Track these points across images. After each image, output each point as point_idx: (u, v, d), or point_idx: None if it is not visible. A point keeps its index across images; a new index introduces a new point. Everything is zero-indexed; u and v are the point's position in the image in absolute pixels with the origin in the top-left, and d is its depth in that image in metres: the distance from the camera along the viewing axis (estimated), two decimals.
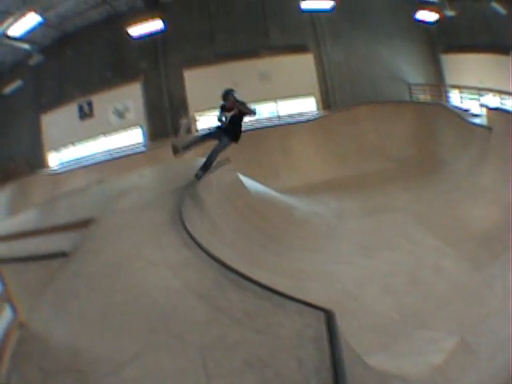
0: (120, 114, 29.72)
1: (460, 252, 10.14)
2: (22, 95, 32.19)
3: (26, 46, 27.36)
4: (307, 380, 3.87)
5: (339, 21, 27.26)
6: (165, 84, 29.87)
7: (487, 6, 23.27)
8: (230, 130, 12.30)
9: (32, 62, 29.14)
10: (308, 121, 24.21)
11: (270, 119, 26.98)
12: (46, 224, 12.19)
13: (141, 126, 29.89)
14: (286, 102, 27.89)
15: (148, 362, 4.68)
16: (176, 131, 27.76)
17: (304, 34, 27.72)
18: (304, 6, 24.98)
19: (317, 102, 27.58)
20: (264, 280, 5.96)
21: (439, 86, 27.91)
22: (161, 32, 26.60)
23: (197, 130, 27.10)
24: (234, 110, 12.60)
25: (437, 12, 26.28)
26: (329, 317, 4.42)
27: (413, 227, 12.19)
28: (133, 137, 29.75)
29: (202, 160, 14.39)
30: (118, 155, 27.06)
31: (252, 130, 23.15)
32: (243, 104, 12.38)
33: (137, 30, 25.72)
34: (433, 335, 7.08)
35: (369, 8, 27.68)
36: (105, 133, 30.14)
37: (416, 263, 9.78)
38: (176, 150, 12.65)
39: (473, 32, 25.21)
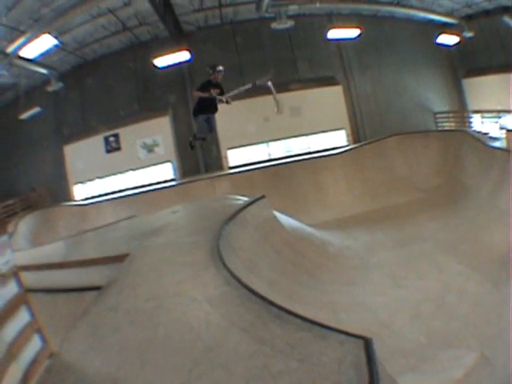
0: (149, 149, 29.83)
1: (482, 274, 10.60)
2: (42, 123, 32.37)
3: (42, 70, 27.35)
4: None
5: (365, 50, 27.51)
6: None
7: (500, 22, 23.80)
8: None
9: (51, 88, 29.02)
10: (338, 154, 24.33)
11: (300, 154, 26.99)
12: (75, 257, 12.70)
13: (171, 161, 29.84)
14: (317, 136, 27.86)
15: None
16: (207, 165, 28.28)
17: (332, 65, 27.84)
18: (330, 35, 24.92)
19: (347, 135, 27.61)
20: (301, 313, 6.03)
21: (462, 112, 28.14)
22: (187, 63, 26.39)
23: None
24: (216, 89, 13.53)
25: (457, 35, 26.53)
26: (367, 343, 4.68)
27: (440, 255, 12.54)
28: (162, 172, 29.78)
29: (236, 197, 15.34)
30: (146, 190, 27.05)
31: (284, 164, 24.06)
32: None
33: (163, 61, 25.44)
34: (455, 353, 7.47)
35: (392, 35, 27.83)
36: (133, 167, 30.20)
37: (442, 289, 10.16)
38: (192, 147, 13.29)
39: (489, 52, 25.76)
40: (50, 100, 31.39)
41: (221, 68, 14.96)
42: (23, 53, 22.01)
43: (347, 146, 27.13)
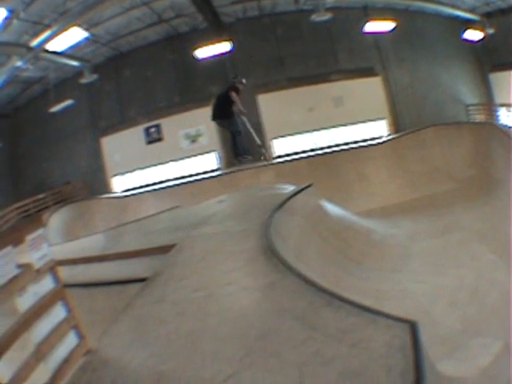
0: (192, 139, 29.93)
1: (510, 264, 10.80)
2: (75, 115, 32.79)
3: (73, 63, 27.59)
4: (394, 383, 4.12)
5: (400, 43, 27.91)
6: None
7: None
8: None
9: (84, 80, 29.25)
10: (380, 144, 24.67)
11: (344, 143, 27.38)
12: (116, 249, 12.81)
13: (215, 151, 29.94)
14: (359, 126, 28.32)
15: (244, 381, 4.69)
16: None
17: (370, 56, 28.26)
18: (367, 28, 25.45)
19: (388, 125, 28.13)
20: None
21: (490, 105, 28.65)
22: (228, 54, 26.56)
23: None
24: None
25: (481, 30, 26.98)
26: (413, 327, 4.87)
27: (475, 244, 12.79)
28: (205, 162, 29.92)
29: (282, 185, 15.54)
30: (190, 180, 27.01)
31: (328, 153, 24.53)
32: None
33: (204, 52, 25.80)
34: (484, 341, 7.68)
35: (423, 29, 28.41)
36: (175, 157, 30.33)
37: (476, 277, 10.39)
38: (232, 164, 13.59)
39: (509, 48, 26.25)
40: (83, 92, 31.95)
41: (245, 81, 15.31)
42: (51, 46, 22.36)
43: (388, 135, 27.43)
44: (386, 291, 9.65)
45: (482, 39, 28.90)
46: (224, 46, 25.91)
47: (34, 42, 21.91)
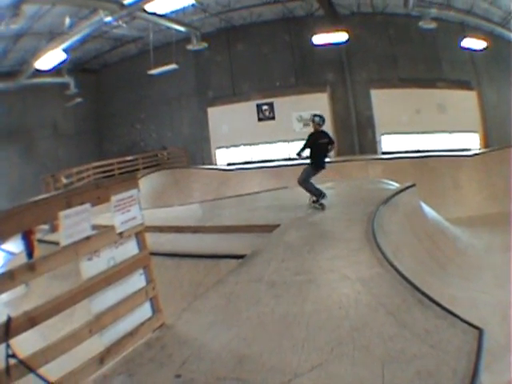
0: (305, 122, 29.48)
1: None
2: (179, 81, 32.81)
3: (179, 28, 27.34)
4: None
5: (491, 63, 27.71)
6: (352, 100, 30.11)
7: None
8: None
9: (191, 47, 28.81)
10: (473, 156, 25.14)
11: (443, 150, 27.66)
12: (213, 222, 12.93)
13: None
14: (455, 135, 28.47)
15: (327, 372, 4.92)
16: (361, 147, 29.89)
17: (468, 71, 28.04)
18: (464, 43, 25.56)
19: (479, 139, 28.06)
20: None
21: None
22: (344, 44, 26.68)
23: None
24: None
25: None
26: (480, 335, 5.35)
27: None
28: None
29: (388, 181, 16.33)
30: (298, 163, 26.67)
31: (429, 157, 25.35)
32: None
33: (321, 39, 25.65)
34: None
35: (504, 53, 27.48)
36: (285, 138, 30.25)
37: None
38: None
39: None
40: (188, 59, 31.82)
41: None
42: (150, 7, 22.12)
43: (479, 149, 27.73)
44: (457, 297, 9.84)
45: None
46: (341, 36, 25.59)
47: (128, 0, 21.96)
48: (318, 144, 13.55)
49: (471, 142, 28.51)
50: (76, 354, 4.94)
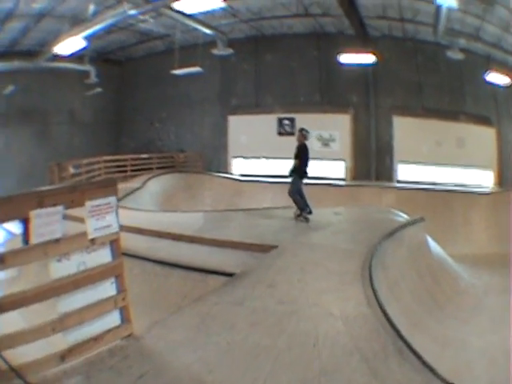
0: (324, 142, 29.81)
1: None
2: (203, 84, 32.76)
3: (205, 30, 27.23)
4: None
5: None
6: (374, 125, 29.84)
7: None
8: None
9: (217, 51, 28.75)
10: (487, 194, 25.00)
11: (456, 184, 27.39)
12: (211, 234, 12.62)
13: (344, 161, 29.92)
14: (470, 170, 28.08)
15: None
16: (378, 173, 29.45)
17: (489, 107, 27.60)
18: (488, 77, 25.07)
19: (493, 177, 27.75)
20: (421, 346, 6.42)
21: None
22: (371, 66, 26.66)
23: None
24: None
25: None
26: None
27: None
28: (332, 168, 29.76)
29: (398, 212, 16.09)
30: (312, 183, 26.31)
31: (443, 191, 25.29)
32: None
33: (348, 58, 25.63)
34: None
35: None
36: None
37: None
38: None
39: None
40: (214, 63, 31.60)
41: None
42: (177, 5, 21.59)
43: (492, 187, 27.56)
44: (450, 339, 9.82)
45: None
46: (369, 58, 25.62)
47: None
48: (308, 155, 14.70)
49: (485, 179, 28.24)
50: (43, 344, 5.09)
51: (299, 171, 14.62)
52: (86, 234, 5.48)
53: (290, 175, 14.87)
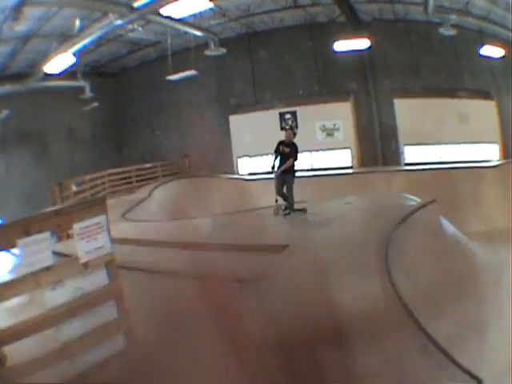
0: (328, 132, 29.70)
1: None
2: (198, 87, 32.37)
3: (196, 33, 27.04)
4: None
5: (510, 71, 27.02)
6: (375, 109, 29.72)
7: None
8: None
9: (210, 53, 28.37)
10: (494, 167, 24.88)
11: (463, 161, 27.08)
12: (220, 239, 12.23)
13: (349, 149, 29.75)
14: (475, 146, 28.01)
15: None
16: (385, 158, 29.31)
17: (487, 80, 27.49)
18: (482, 51, 25.12)
19: (499, 150, 27.55)
20: (441, 331, 6.58)
21: None
22: (366, 51, 26.57)
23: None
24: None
25: None
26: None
27: None
28: (338, 157, 29.75)
29: (409, 196, 15.67)
30: (320, 174, 26.86)
31: (451, 168, 24.75)
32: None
33: (342, 45, 25.64)
34: None
35: None
36: (308, 148, 29.30)
37: None
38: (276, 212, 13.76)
39: None
40: (208, 65, 31.32)
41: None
42: (165, 11, 21.34)
43: (499, 160, 27.37)
44: (469, 321, 9.47)
45: None
46: (363, 43, 25.69)
47: (137, 3, 21.29)
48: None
49: (492, 153, 28.12)
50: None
51: (293, 170, 14.86)
52: (77, 259, 5.31)
53: (285, 174, 14.90)
